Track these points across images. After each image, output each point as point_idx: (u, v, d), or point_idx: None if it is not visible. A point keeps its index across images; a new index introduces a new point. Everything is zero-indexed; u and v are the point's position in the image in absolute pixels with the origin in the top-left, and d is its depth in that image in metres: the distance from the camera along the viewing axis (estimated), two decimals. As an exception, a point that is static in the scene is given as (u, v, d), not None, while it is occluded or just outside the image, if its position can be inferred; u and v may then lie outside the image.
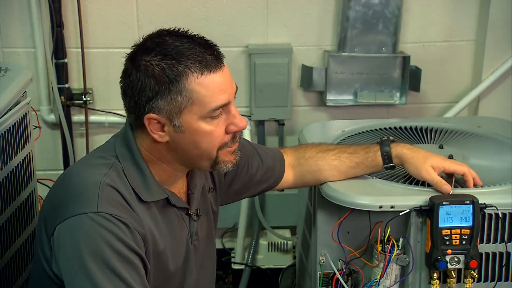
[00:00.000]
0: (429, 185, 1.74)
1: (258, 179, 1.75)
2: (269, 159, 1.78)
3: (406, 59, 2.53)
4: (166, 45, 1.38)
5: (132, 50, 1.42)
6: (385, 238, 1.69)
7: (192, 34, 1.42)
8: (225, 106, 1.41)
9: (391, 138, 1.79)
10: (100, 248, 1.30)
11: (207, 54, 1.38)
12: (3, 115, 1.68)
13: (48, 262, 1.38)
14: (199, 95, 1.37)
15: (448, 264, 1.67)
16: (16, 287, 1.79)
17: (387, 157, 1.74)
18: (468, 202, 1.65)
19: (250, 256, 2.70)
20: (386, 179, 1.79)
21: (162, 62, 1.36)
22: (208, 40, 1.42)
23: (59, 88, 2.47)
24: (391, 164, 1.74)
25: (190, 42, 1.39)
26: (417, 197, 1.69)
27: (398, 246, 1.69)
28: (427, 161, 1.71)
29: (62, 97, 2.49)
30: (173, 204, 1.49)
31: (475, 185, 1.74)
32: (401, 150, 1.74)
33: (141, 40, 1.43)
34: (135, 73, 1.38)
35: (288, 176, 1.80)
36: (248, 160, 1.73)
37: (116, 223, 1.33)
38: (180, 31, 1.42)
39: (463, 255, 1.67)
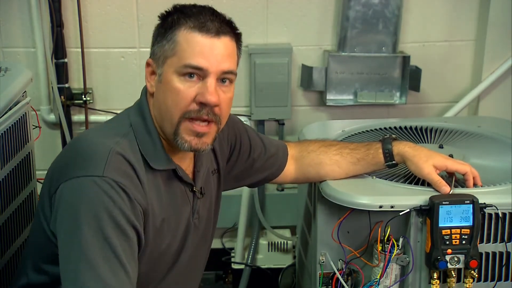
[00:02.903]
0: (429, 185, 1.74)
1: (260, 165, 1.76)
2: (272, 147, 1.78)
3: (406, 59, 2.53)
4: (190, 8, 1.45)
5: None
6: (385, 238, 1.69)
7: (220, 13, 1.47)
8: (202, 74, 1.41)
9: (393, 136, 1.79)
10: (98, 213, 1.30)
11: (209, 20, 1.42)
12: (3, 115, 1.69)
13: (47, 220, 1.40)
14: (181, 48, 1.41)
15: (448, 264, 1.67)
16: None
17: (388, 155, 1.74)
18: (468, 202, 1.65)
19: (250, 256, 2.70)
20: (386, 179, 1.79)
21: (176, 15, 1.43)
22: (227, 19, 1.46)
23: (59, 88, 2.47)
24: (393, 162, 1.74)
25: (209, 12, 1.44)
26: (417, 197, 1.69)
27: (398, 246, 1.69)
28: (429, 160, 1.71)
29: (62, 97, 2.49)
30: (179, 178, 1.50)
31: (475, 185, 1.74)
32: (403, 148, 1.74)
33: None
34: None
35: (290, 169, 1.81)
36: (251, 145, 1.74)
37: (119, 192, 1.33)
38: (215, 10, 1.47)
39: (463, 255, 1.67)
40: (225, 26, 1.44)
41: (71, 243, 1.30)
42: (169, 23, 1.43)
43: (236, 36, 1.48)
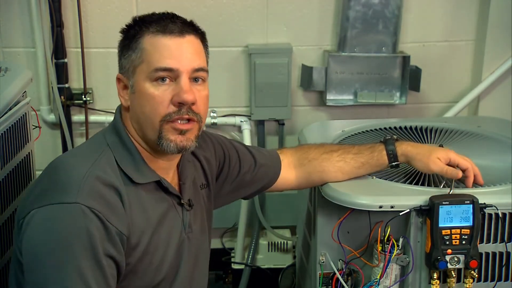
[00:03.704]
0: (429, 185, 1.74)
1: (251, 178, 1.75)
2: (262, 158, 1.77)
3: (406, 59, 2.53)
4: (149, 16, 1.46)
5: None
6: (385, 238, 1.69)
7: (181, 16, 1.47)
8: (174, 76, 1.40)
9: (395, 136, 1.80)
10: (70, 242, 1.27)
11: (170, 22, 1.42)
12: (3, 115, 1.68)
13: (18, 246, 1.36)
14: (148, 53, 1.41)
15: (448, 264, 1.67)
16: (16, 287, 1.79)
17: (392, 156, 1.75)
18: (468, 202, 1.65)
19: (250, 256, 2.70)
20: (386, 179, 1.79)
21: (137, 26, 1.44)
22: (188, 20, 1.46)
23: (59, 88, 2.47)
24: (397, 162, 1.75)
25: (169, 16, 1.45)
26: (417, 197, 1.69)
27: (398, 246, 1.69)
28: (432, 154, 1.72)
29: (62, 97, 2.49)
30: (164, 190, 1.48)
31: (475, 184, 1.74)
32: (406, 148, 1.75)
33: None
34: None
35: (290, 176, 1.80)
36: (240, 159, 1.73)
37: (92, 219, 1.30)
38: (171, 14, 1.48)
39: (463, 255, 1.67)
40: (187, 26, 1.44)
41: (36, 270, 1.27)
42: (132, 34, 1.44)
43: (201, 35, 1.47)
